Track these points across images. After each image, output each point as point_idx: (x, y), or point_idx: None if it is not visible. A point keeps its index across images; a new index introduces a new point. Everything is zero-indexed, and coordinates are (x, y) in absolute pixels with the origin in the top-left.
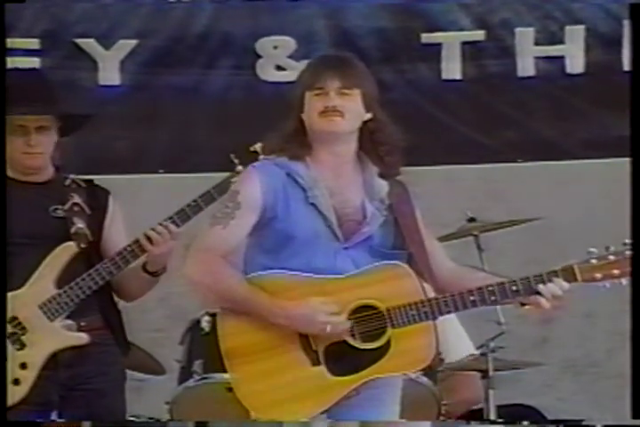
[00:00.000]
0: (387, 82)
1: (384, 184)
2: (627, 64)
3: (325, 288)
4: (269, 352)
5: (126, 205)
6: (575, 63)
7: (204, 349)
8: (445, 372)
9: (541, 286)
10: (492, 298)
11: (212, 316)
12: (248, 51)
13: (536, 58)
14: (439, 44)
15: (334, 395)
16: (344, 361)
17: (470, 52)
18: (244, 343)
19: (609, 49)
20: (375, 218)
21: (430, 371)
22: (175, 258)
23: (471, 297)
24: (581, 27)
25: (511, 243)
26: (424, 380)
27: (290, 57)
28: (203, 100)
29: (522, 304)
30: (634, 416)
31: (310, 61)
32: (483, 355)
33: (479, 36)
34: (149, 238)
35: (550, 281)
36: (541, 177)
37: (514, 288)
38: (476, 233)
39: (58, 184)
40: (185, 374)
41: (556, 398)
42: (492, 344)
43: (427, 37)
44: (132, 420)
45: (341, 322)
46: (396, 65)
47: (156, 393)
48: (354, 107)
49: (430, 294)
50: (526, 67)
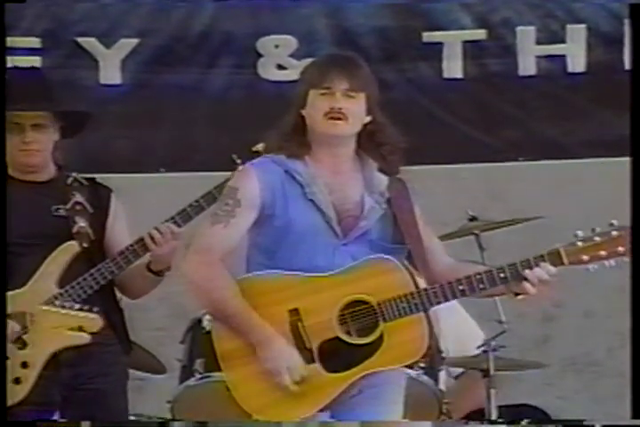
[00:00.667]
0: (388, 81)
1: (383, 178)
2: (628, 63)
3: (316, 286)
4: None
5: (128, 205)
6: (576, 62)
7: (205, 348)
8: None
9: (528, 271)
10: (481, 286)
11: None
12: (249, 50)
13: (537, 57)
14: (440, 43)
15: (331, 392)
16: (338, 357)
17: (471, 51)
18: (238, 345)
19: (610, 48)
20: (373, 211)
21: (431, 369)
22: (178, 257)
23: (460, 286)
24: (583, 26)
25: (512, 242)
26: (425, 378)
27: (291, 56)
28: (204, 99)
29: (515, 294)
30: (634, 416)
31: (317, 59)
32: (484, 352)
33: (480, 35)
34: (152, 238)
35: (537, 266)
36: (542, 176)
37: (502, 275)
38: (476, 232)
39: (60, 183)
40: (186, 373)
41: (557, 397)
42: (494, 343)
43: (428, 36)
44: (135, 420)
45: (294, 388)
46: (398, 64)
47: (157, 392)
48: (357, 110)
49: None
50: (527, 66)
